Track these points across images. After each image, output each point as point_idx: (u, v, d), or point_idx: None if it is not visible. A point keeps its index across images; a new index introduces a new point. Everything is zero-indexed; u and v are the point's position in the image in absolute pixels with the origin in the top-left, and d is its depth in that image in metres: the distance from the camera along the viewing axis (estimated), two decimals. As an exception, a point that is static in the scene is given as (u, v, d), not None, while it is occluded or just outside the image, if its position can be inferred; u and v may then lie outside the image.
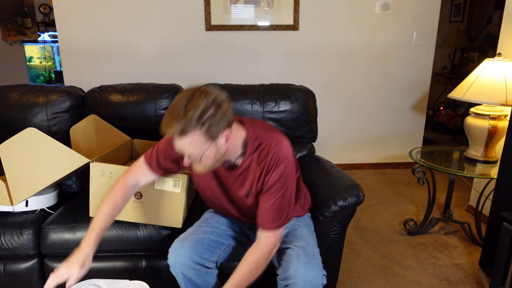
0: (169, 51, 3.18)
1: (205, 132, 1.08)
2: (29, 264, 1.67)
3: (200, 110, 1.06)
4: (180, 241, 1.37)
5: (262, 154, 1.25)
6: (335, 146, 3.53)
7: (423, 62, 3.42)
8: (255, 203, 1.31)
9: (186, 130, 1.06)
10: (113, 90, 2.08)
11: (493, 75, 2.09)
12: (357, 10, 3.23)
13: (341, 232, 1.63)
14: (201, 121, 1.06)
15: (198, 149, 1.11)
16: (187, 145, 1.10)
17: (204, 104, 1.06)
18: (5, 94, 2.01)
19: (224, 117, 1.11)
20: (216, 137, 1.12)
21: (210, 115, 1.07)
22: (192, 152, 1.12)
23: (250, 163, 1.26)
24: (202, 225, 1.45)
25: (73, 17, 3.03)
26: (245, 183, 1.29)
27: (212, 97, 1.09)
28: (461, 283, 1.98)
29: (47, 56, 5.74)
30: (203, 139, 1.09)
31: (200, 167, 1.19)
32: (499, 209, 1.84)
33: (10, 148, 1.58)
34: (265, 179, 1.24)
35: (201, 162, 1.16)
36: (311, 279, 1.22)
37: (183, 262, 1.33)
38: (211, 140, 1.11)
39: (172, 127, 1.07)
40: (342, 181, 1.67)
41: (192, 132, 1.07)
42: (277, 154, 1.22)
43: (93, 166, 1.55)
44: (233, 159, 1.27)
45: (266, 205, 1.24)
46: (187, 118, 1.05)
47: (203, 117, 1.06)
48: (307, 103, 2.07)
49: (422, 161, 2.27)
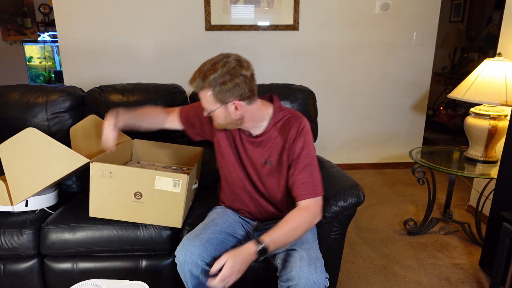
0: (169, 51, 3.18)
1: (214, 95, 1.27)
2: (29, 264, 1.67)
3: (215, 76, 1.24)
4: (191, 239, 1.35)
5: (285, 126, 1.39)
6: (335, 146, 3.53)
7: (423, 62, 3.42)
8: (269, 174, 1.42)
9: (201, 88, 1.28)
10: (113, 90, 2.08)
11: (493, 75, 2.09)
12: (357, 10, 3.23)
13: (341, 233, 1.63)
14: (213, 85, 1.26)
15: (208, 105, 1.31)
16: (202, 99, 1.32)
17: (220, 71, 1.24)
18: (5, 94, 2.01)
19: (235, 89, 1.26)
20: (225, 103, 1.29)
21: (221, 82, 1.25)
22: (205, 107, 1.33)
23: (272, 132, 1.40)
24: (210, 224, 1.44)
25: (73, 17, 3.03)
26: (265, 150, 1.41)
27: (231, 68, 1.25)
28: (461, 283, 1.98)
29: (47, 56, 5.74)
30: (212, 100, 1.29)
31: (215, 122, 1.38)
32: (499, 209, 1.84)
33: (10, 148, 1.58)
34: (290, 149, 1.36)
35: (213, 118, 1.36)
36: (314, 280, 1.22)
37: (192, 260, 1.31)
38: (220, 103, 1.29)
39: (193, 82, 1.29)
40: (342, 181, 1.67)
41: (204, 90, 1.28)
42: (299, 126, 1.37)
43: (93, 166, 1.55)
44: (256, 128, 1.41)
45: (300, 175, 1.34)
46: (204, 78, 1.25)
47: (216, 82, 1.25)
48: (307, 103, 2.07)
49: (422, 161, 2.27)
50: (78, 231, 1.63)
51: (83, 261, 1.67)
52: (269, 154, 1.40)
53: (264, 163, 1.41)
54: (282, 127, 1.39)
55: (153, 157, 2.00)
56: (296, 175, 1.35)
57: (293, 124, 1.37)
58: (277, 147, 1.39)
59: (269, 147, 1.40)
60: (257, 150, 1.42)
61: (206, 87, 1.26)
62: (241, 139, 1.45)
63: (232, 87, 1.25)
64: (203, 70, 1.26)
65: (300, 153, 1.35)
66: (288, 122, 1.39)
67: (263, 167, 1.42)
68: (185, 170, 1.92)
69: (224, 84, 1.24)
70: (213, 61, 1.26)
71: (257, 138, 1.41)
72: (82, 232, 1.63)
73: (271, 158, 1.40)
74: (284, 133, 1.38)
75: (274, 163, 1.40)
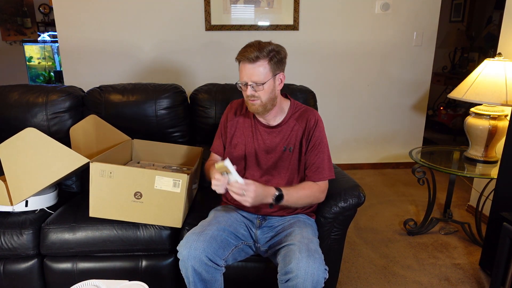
0: (169, 51, 3.17)
1: (270, 65, 1.41)
2: (29, 264, 1.67)
3: (271, 48, 1.41)
4: (196, 234, 1.35)
5: (302, 115, 1.55)
6: (335, 146, 3.53)
7: (423, 62, 3.42)
8: (286, 160, 1.53)
9: (258, 57, 1.39)
10: (113, 90, 2.08)
11: (493, 75, 2.09)
12: (357, 10, 3.22)
13: (341, 233, 1.63)
14: (270, 54, 1.40)
15: (261, 76, 1.40)
16: (256, 70, 1.40)
17: (272, 46, 1.42)
18: (5, 94, 2.01)
19: (283, 61, 1.46)
20: (276, 73, 1.44)
21: (275, 53, 1.42)
22: (258, 78, 1.40)
23: (291, 121, 1.55)
24: (214, 222, 1.45)
25: (73, 17, 3.03)
26: (284, 138, 1.54)
27: (276, 45, 1.44)
28: (461, 283, 1.98)
29: (47, 56, 5.74)
30: (268, 69, 1.41)
31: (256, 104, 1.45)
32: (499, 209, 1.84)
33: (10, 148, 1.58)
34: (310, 135, 1.52)
35: (261, 95, 1.43)
36: (313, 272, 1.22)
37: (196, 256, 1.31)
38: (272, 73, 1.42)
39: (248, 53, 1.38)
40: (343, 182, 1.67)
41: (262, 60, 1.39)
42: (316, 116, 1.55)
43: (93, 166, 1.55)
44: (276, 118, 1.55)
45: (318, 159, 1.51)
46: (261, 49, 1.39)
47: (272, 52, 1.40)
48: (307, 103, 2.07)
49: (422, 161, 2.27)
50: (78, 231, 1.63)
51: (83, 261, 1.67)
52: (288, 141, 1.54)
53: (284, 150, 1.54)
54: (299, 117, 1.56)
55: (153, 157, 2.00)
56: (314, 159, 1.51)
57: (310, 115, 1.55)
58: (297, 134, 1.54)
59: (288, 135, 1.54)
60: (276, 139, 1.55)
61: (263, 56, 1.39)
62: (259, 130, 1.57)
63: (282, 59, 1.44)
64: (256, 45, 1.40)
65: (318, 140, 1.52)
66: (305, 112, 1.57)
67: (282, 154, 1.54)
68: (185, 170, 1.92)
69: (278, 54, 1.42)
70: (258, 41, 1.43)
71: (276, 128, 1.55)
72: (82, 232, 1.63)
73: (291, 144, 1.54)
74: (303, 122, 1.54)
75: (294, 148, 1.54)
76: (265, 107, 1.46)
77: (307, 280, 1.21)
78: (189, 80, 3.21)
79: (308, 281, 1.22)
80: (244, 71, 1.42)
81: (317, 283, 1.23)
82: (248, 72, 1.41)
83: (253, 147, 1.56)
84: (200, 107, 2.08)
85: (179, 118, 2.09)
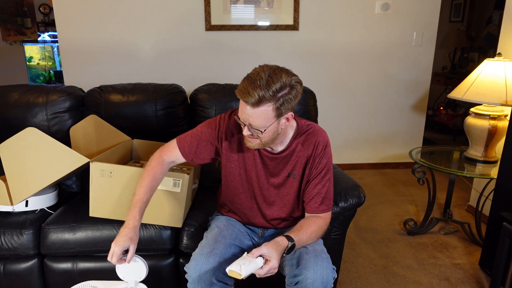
0: (169, 51, 3.17)
1: (276, 108, 1.16)
2: (29, 264, 1.67)
3: (279, 85, 1.14)
4: (204, 256, 1.30)
5: (308, 139, 1.35)
6: (335, 146, 3.52)
7: (423, 62, 3.42)
8: (288, 187, 1.38)
9: (262, 101, 1.13)
10: (113, 90, 2.08)
11: (493, 75, 2.09)
12: (357, 10, 3.22)
13: (341, 233, 1.64)
14: (278, 95, 1.15)
15: (264, 121, 1.18)
16: (256, 115, 1.17)
17: (284, 81, 1.15)
18: (5, 94, 2.01)
19: (294, 100, 1.20)
20: (282, 116, 1.20)
21: (285, 93, 1.16)
22: (258, 124, 1.19)
23: (296, 145, 1.35)
24: (220, 238, 1.38)
25: (73, 17, 3.03)
26: (288, 164, 1.37)
27: (291, 77, 1.17)
28: (461, 283, 1.98)
29: (47, 56, 5.73)
30: (272, 114, 1.17)
31: (254, 142, 1.26)
32: (499, 209, 1.84)
33: (10, 148, 1.58)
34: (316, 163, 1.34)
35: (261, 137, 1.23)
36: (322, 271, 1.21)
37: (206, 278, 1.27)
38: (277, 117, 1.19)
39: (250, 96, 1.13)
40: (343, 182, 1.67)
41: (266, 103, 1.14)
42: (323, 140, 1.35)
43: (93, 166, 1.55)
44: (280, 144, 1.35)
45: (322, 190, 1.34)
46: (269, 87, 1.12)
47: (281, 91, 1.15)
48: (307, 103, 2.07)
49: (422, 161, 2.27)
50: (78, 231, 1.63)
51: (83, 261, 1.67)
52: (292, 167, 1.37)
53: (287, 177, 1.38)
54: (305, 141, 1.36)
55: (153, 157, 2.00)
56: (321, 189, 1.35)
57: (317, 139, 1.35)
58: (302, 160, 1.36)
59: (292, 161, 1.36)
60: (279, 165, 1.38)
61: (268, 100, 1.14)
62: (261, 156, 1.38)
63: (293, 98, 1.18)
64: (262, 82, 1.13)
65: (324, 169, 1.35)
66: (312, 135, 1.36)
67: (285, 180, 1.39)
68: (185, 170, 1.92)
69: (288, 95, 1.17)
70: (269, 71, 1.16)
71: (280, 154, 1.36)
72: (82, 232, 1.63)
73: (295, 171, 1.37)
74: (309, 147, 1.35)
75: (298, 176, 1.38)
76: (264, 145, 1.28)
77: (316, 280, 1.20)
78: (189, 80, 3.21)
79: (317, 282, 1.20)
80: (242, 110, 1.19)
81: (326, 283, 1.22)
82: (248, 114, 1.18)
83: (254, 173, 1.40)
84: (200, 107, 2.08)
85: (179, 118, 2.09)
